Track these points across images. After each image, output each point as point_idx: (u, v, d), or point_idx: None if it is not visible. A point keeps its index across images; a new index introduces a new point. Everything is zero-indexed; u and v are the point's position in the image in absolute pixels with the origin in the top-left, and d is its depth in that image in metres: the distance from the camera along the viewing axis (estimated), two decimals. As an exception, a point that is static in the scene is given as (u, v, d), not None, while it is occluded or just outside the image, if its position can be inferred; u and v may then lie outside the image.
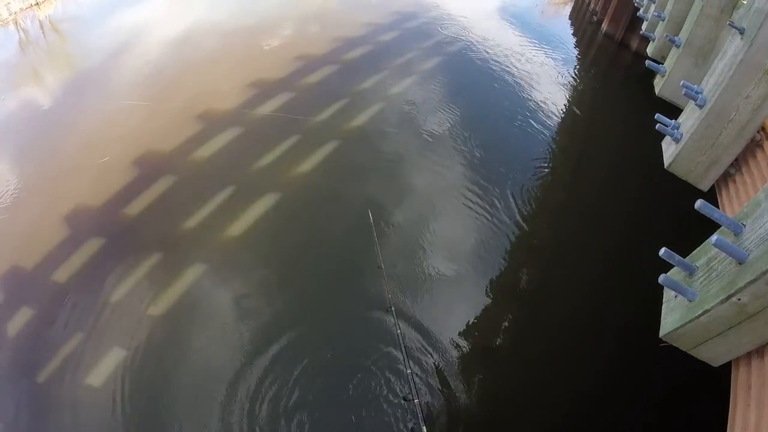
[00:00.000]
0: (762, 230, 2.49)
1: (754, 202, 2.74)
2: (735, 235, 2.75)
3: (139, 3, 17.72)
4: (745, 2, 4.74)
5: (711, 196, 3.79)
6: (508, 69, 13.69)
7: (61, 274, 7.67)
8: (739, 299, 2.40)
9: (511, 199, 9.01)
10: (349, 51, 14.09)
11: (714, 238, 2.67)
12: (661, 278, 3.09)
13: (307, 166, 9.62)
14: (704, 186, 4.39)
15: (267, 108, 11.28)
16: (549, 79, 13.55)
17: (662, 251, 3.09)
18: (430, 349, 6.49)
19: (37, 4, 17.28)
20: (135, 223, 8.46)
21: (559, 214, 9.13)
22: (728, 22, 3.96)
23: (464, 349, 6.63)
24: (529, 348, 6.84)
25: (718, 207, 3.35)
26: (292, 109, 11.26)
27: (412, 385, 5.38)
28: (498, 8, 18.34)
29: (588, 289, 7.58)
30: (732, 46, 3.86)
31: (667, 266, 3.21)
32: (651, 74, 6.51)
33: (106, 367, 6.51)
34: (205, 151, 9.91)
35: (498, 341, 6.90)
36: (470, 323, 7.00)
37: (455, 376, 6.26)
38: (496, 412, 6.09)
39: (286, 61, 13.17)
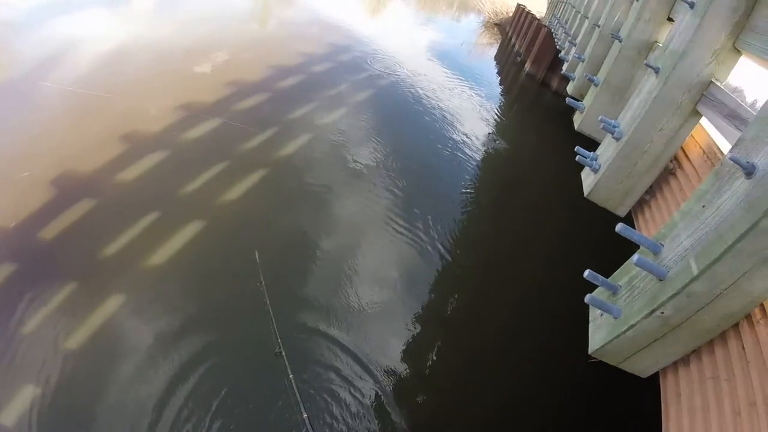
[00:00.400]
0: (680, 248, 2.66)
1: (671, 223, 2.94)
2: (654, 254, 2.93)
3: (75, 13, 16.74)
4: (660, 44, 5.21)
5: (628, 221, 4.04)
6: (436, 103, 14.18)
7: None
8: (662, 312, 2.54)
9: (436, 229, 9.07)
10: (282, 80, 13.99)
11: (635, 257, 2.82)
12: (587, 298, 3.22)
13: (232, 194, 9.30)
14: (621, 212, 4.68)
15: (194, 133, 10.95)
16: (475, 114, 14.16)
17: (586, 273, 3.23)
18: (328, 389, 6.07)
19: (-35, 6, 15.90)
20: (51, 247, 7.82)
21: (484, 241, 9.34)
22: (645, 62, 4.31)
23: (375, 386, 6.25)
24: (449, 379, 6.70)
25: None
26: (221, 135, 10.98)
27: (310, 430, 5.18)
28: (428, 47, 19.11)
29: (515, 314, 7.72)
30: (647, 84, 4.19)
31: (592, 287, 3.38)
32: (571, 111, 6.96)
33: (17, 405, 5.88)
34: (129, 174, 9.36)
35: (414, 375, 6.62)
36: (386, 358, 6.65)
37: (363, 417, 5.93)
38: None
39: (218, 87, 12.86)
